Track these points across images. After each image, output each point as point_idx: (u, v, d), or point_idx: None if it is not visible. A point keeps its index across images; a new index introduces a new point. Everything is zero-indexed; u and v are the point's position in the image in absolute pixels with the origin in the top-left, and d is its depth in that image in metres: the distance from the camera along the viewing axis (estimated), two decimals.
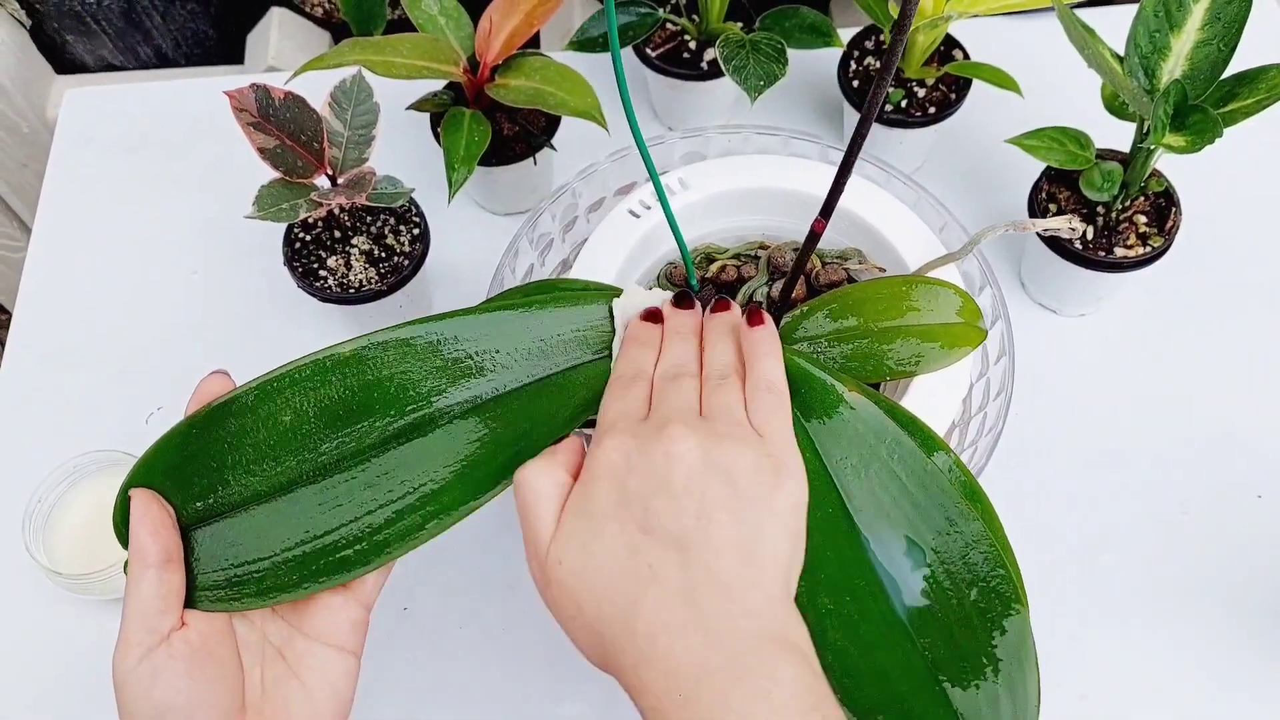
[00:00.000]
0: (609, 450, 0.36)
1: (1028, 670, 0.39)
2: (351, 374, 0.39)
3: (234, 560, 0.38)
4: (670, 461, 0.35)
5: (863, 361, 0.48)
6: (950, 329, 0.49)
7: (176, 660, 0.35)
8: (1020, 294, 0.69)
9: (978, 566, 0.39)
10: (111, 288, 0.72)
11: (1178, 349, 0.67)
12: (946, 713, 0.38)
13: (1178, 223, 0.62)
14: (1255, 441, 0.64)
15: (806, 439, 0.41)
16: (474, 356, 0.40)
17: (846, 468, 0.40)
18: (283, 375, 0.39)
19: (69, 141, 0.78)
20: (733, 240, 0.59)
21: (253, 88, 0.55)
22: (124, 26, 0.89)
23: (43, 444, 0.65)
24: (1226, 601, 0.59)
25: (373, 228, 0.64)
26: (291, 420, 0.38)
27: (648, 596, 0.33)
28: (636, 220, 0.55)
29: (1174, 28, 0.56)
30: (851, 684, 0.38)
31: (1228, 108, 0.56)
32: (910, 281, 0.50)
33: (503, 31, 0.64)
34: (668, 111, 0.76)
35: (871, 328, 0.48)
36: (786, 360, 0.42)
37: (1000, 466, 0.54)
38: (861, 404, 0.41)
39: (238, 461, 0.38)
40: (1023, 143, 0.61)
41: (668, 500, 0.34)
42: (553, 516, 0.36)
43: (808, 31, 0.69)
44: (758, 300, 0.55)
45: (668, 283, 0.57)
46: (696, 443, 0.35)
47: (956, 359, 0.48)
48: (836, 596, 0.38)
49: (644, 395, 0.38)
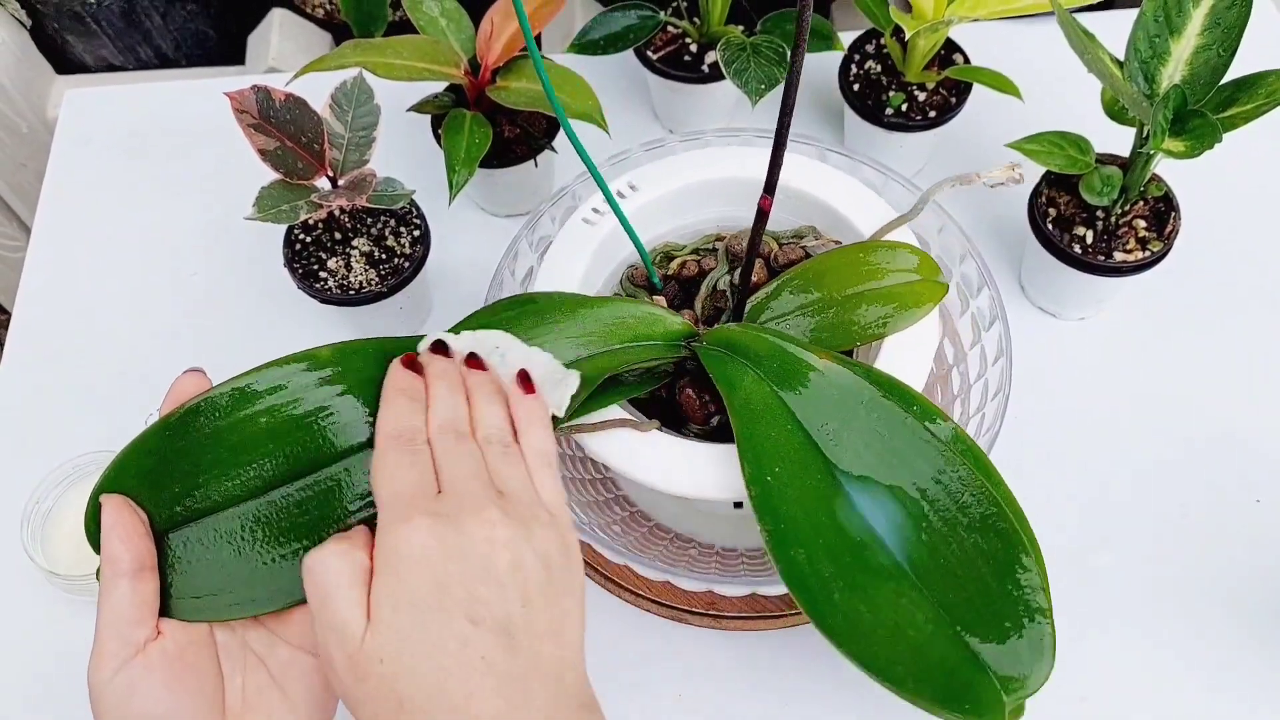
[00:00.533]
0: (418, 533, 0.33)
1: (1044, 620, 0.40)
2: (330, 375, 0.39)
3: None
4: (492, 548, 0.33)
5: (832, 331, 0.49)
6: (912, 288, 0.50)
7: (153, 672, 0.35)
8: (1020, 298, 0.69)
9: (971, 509, 0.40)
10: (111, 288, 0.72)
11: (1176, 353, 0.67)
12: (966, 656, 0.39)
13: (1177, 227, 0.62)
14: (1254, 445, 0.64)
15: (786, 411, 0.42)
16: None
17: (829, 433, 0.42)
18: (258, 375, 0.39)
19: (69, 141, 0.78)
20: (690, 236, 0.59)
21: (254, 89, 0.55)
22: (124, 27, 0.90)
23: (41, 444, 0.65)
24: (1226, 603, 0.59)
25: (373, 229, 0.64)
26: (267, 421, 0.38)
27: (483, 687, 0.32)
28: (592, 227, 0.55)
29: (1174, 33, 0.56)
30: (865, 643, 0.38)
31: (1227, 113, 0.56)
32: (866, 248, 0.51)
33: (504, 34, 0.64)
34: (668, 114, 0.76)
35: (835, 297, 0.50)
36: (757, 337, 0.43)
37: (999, 467, 0.54)
38: (834, 370, 0.43)
39: (214, 463, 0.38)
40: (1023, 147, 0.61)
41: (495, 588, 0.33)
42: (359, 606, 0.33)
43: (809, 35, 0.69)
44: (721, 289, 0.55)
45: (630, 285, 0.57)
46: (513, 530, 0.34)
47: (921, 316, 0.49)
48: (837, 560, 0.39)
49: (427, 461, 0.36)
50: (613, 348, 0.46)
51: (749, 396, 0.44)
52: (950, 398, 0.56)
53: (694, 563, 0.55)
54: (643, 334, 0.47)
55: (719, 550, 0.57)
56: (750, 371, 0.45)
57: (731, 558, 0.56)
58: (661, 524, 0.59)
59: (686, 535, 0.58)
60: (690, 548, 0.57)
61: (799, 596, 0.39)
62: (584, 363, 0.44)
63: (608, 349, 0.45)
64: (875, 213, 0.54)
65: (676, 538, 0.58)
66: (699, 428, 0.50)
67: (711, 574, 0.52)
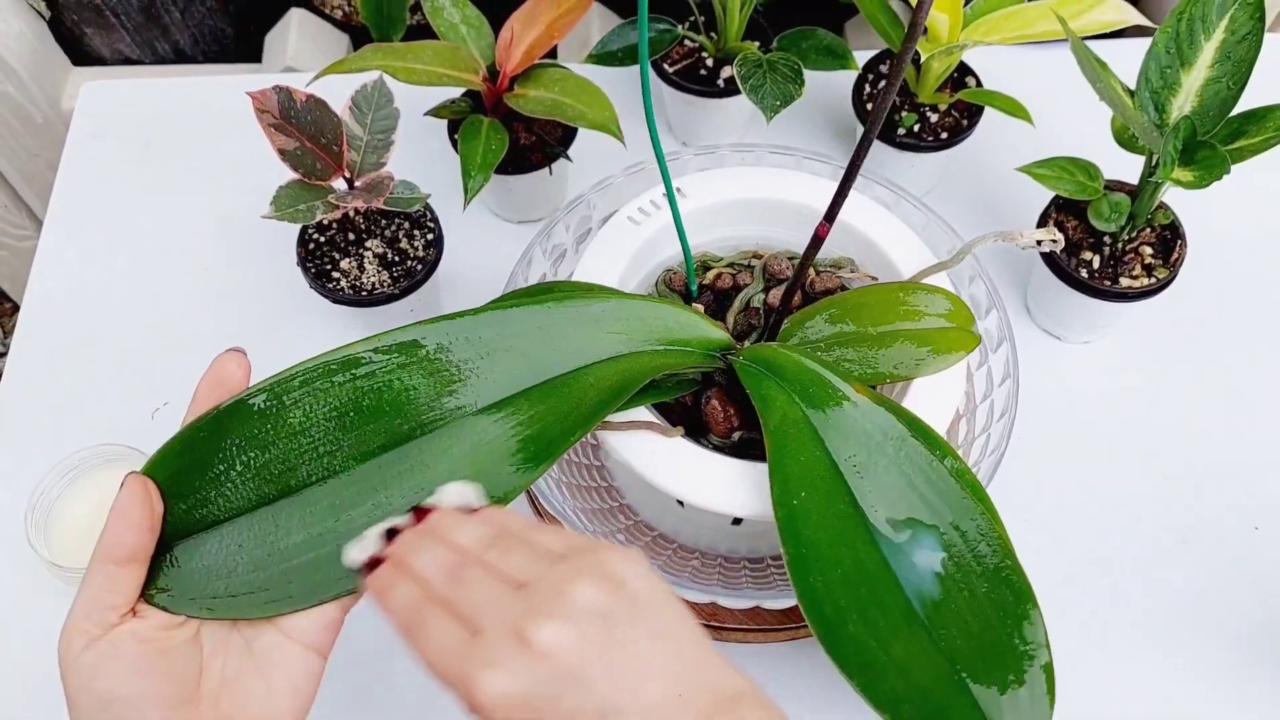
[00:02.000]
0: (485, 689, 0.32)
1: (1045, 673, 0.40)
2: (360, 377, 0.39)
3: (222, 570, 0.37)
4: (554, 649, 0.32)
5: (861, 365, 0.49)
6: (945, 334, 0.50)
7: (121, 652, 0.34)
8: (1026, 320, 0.70)
9: (986, 559, 0.40)
10: (121, 281, 0.72)
11: (1179, 379, 0.68)
12: (968, 702, 0.39)
13: (1183, 255, 0.63)
14: (1253, 473, 0.64)
15: (815, 437, 0.42)
16: (479, 358, 0.41)
17: (855, 465, 0.42)
18: (291, 377, 0.38)
19: (84, 133, 0.78)
20: (728, 250, 0.59)
21: (275, 89, 0.55)
22: (143, 21, 0.90)
23: (48, 436, 0.66)
24: (1225, 629, 0.59)
25: (387, 231, 0.64)
26: (300, 423, 0.38)
27: None
28: (637, 227, 0.55)
29: (1185, 64, 0.57)
30: (872, 676, 0.38)
31: (1235, 145, 0.57)
32: (906, 288, 0.51)
33: (523, 42, 0.64)
34: (682, 127, 0.77)
35: (870, 332, 0.49)
36: (796, 361, 0.43)
37: (1003, 489, 0.54)
38: (866, 404, 0.43)
39: (239, 468, 0.37)
40: (1033, 171, 0.62)
41: (573, 685, 0.32)
42: None
43: (824, 53, 0.70)
44: (754, 306, 0.56)
45: (666, 288, 0.57)
46: (557, 620, 0.32)
47: (951, 364, 0.49)
48: (853, 591, 0.40)
49: (448, 615, 0.34)
50: (653, 347, 0.45)
51: (784, 417, 0.44)
52: (956, 417, 0.57)
53: (697, 574, 0.55)
54: (681, 339, 0.46)
55: (722, 562, 0.57)
56: (785, 392, 0.45)
57: (735, 570, 0.57)
58: (664, 534, 0.59)
59: (689, 546, 0.58)
60: (693, 558, 0.57)
61: (813, 622, 0.40)
62: (624, 359, 0.43)
63: (648, 347, 0.45)
64: (915, 253, 0.55)
65: (680, 548, 0.58)
66: (719, 440, 0.51)
67: (715, 585, 0.52)
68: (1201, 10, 0.57)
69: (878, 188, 0.59)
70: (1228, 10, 0.56)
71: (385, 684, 0.59)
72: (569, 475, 0.57)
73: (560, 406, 0.41)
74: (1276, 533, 0.62)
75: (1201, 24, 0.57)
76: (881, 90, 0.40)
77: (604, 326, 0.44)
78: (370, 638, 0.59)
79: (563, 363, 0.42)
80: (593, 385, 0.42)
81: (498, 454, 0.40)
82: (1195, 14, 0.57)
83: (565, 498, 0.54)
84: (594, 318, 0.44)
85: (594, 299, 0.44)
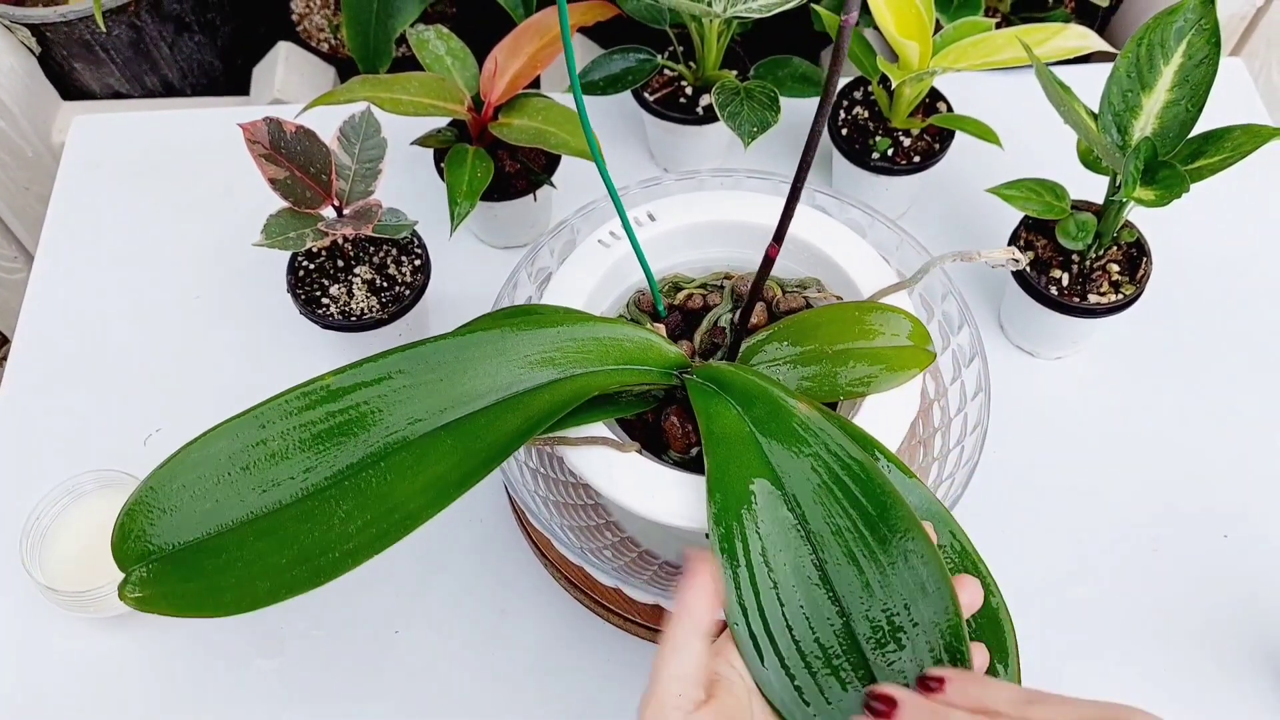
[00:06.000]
0: None
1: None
2: (334, 402, 0.42)
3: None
4: None
5: (819, 382, 0.50)
6: (900, 352, 0.51)
7: None
8: (999, 337, 0.72)
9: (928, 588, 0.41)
10: (113, 310, 0.73)
11: (1148, 392, 0.70)
12: None
13: (1149, 271, 0.65)
14: (1221, 482, 0.66)
15: (760, 454, 0.43)
16: (444, 380, 0.43)
17: (799, 483, 0.43)
18: (270, 406, 0.41)
19: (75, 166, 0.80)
20: (699, 270, 0.61)
21: (266, 121, 0.57)
22: (132, 55, 0.91)
23: (42, 463, 0.66)
24: (1197, 636, 0.61)
25: (375, 258, 0.65)
26: (279, 447, 0.41)
27: None
28: (606, 249, 0.57)
29: (1145, 88, 0.59)
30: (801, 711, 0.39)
31: (1195, 164, 0.59)
32: (864, 307, 0.53)
33: (507, 73, 0.66)
34: (663, 154, 0.79)
35: (826, 350, 0.51)
36: (745, 379, 0.44)
37: (976, 502, 0.56)
38: (815, 419, 0.44)
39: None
40: (1002, 192, 0.64)
41: None
42: None
43: (799, 81, 0.72)
44: (721, 326, 0.57)
45: (635, 309, 0.59)
46: None
47: (906, 380, 0.51)
48: (795, 616, 0.40)
49: None
50: (606, 367, 0.47)
51: (726, 433, 0.45)
52: (931, 431, 0.58)
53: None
54: (638, 358, 0.48)
55: None
56: (733, 410, 0.46)
57: None
58: (650, 550, 0.60)
59: (675, 562, 0.59)
60: (678, 574, 0.58)
61: (740, 645, 0.40)
62: (577, 379, 0.46)
63: (602, 368, 0.47)
64: (878, 274, 0.56)
65: (666, 564, 0.59)
66: (679, 455, 0.52)
67: None
68: (1160, 36, 0.59)
69: (853, 210, 0.61)
70: (1185, 35, 0.59)
71: (376, 705, 0.59)
72: (556, 493, 0.58)
73: (512, 422, 0.43)
74: (1245, 540, 0.64)
75: (1161, 49, 0.59)
76: (818, 110, 0.42)
77: (557, 343, 0.46)
78: (364, 660, 0.60)
79: (481, 396, 0.44)
80: (546, 400, 0.44)
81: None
82: (1155, 39, 0.59)
83: (553, 515, 0.55)
84: (548, 334, 0.46)
85: (544, 325, 0.46)
